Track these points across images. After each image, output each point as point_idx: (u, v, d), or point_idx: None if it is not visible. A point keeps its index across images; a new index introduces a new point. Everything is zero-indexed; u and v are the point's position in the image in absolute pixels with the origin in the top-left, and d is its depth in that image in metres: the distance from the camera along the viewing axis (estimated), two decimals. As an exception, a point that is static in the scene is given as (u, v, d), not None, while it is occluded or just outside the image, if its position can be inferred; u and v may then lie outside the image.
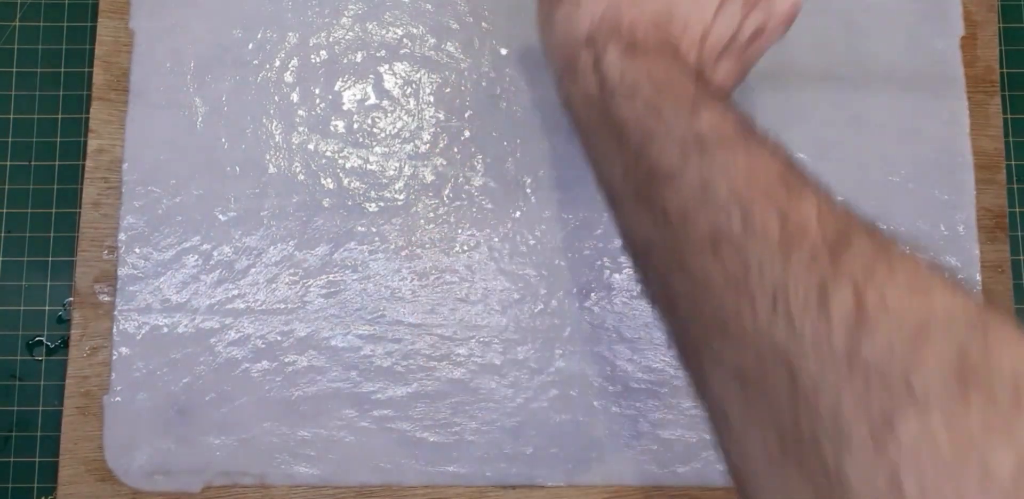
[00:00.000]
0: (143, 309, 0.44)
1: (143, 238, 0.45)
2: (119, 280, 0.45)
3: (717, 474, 0.43)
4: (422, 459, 0.43)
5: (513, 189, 0.46)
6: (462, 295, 0.45)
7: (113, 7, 0.47)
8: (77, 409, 0.44)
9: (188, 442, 0.43)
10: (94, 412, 0.44)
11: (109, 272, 0.45)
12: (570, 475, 0.44)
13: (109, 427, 0.43)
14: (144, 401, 0.44)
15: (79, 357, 0.44)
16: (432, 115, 0.47)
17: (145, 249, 0.45)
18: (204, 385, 0.44)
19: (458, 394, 0.44)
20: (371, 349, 0.44)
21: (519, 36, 0.47)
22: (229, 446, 0.43)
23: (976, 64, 0.48)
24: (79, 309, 0.45)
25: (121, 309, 0.44)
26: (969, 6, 0.48)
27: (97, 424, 0.44)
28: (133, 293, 0.44)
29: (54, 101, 0.49)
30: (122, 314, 0.44)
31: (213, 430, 0.43)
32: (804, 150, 0.47)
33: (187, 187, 0.45)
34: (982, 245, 0.46)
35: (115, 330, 0.44)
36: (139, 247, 0.45)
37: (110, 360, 0.44)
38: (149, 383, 0.44)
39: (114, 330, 0.44)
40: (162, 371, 0.44)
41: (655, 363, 0.44)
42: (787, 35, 0.47)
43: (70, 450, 0.44)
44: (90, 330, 0.44)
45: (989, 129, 0.47)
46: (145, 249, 0.45)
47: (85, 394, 0.44)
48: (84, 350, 0.44)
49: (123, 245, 0.45)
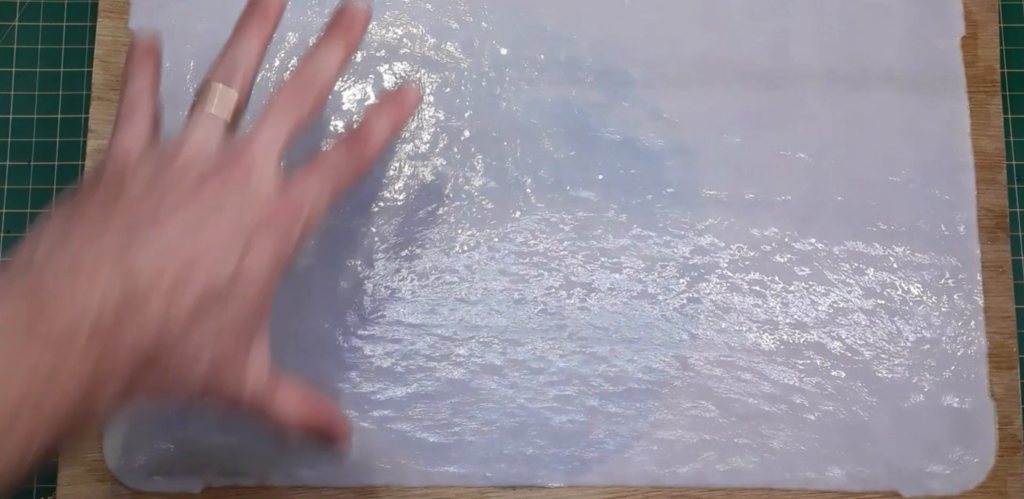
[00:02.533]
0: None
1: (143, 238, 0.45)
2: (119, 280, 0.44)
3: (717, 474, 0.43)
4: (422, 459, 0.43)
5: (513, 189, 0.46)
6: (462, 295, 0.45)
7: (113, 7, 0.47)
8: (77, 409, 0.44)
9: (188, 442, 0.43)
10: (94, 412, 0.44)
11: (109, 272, 0.45)
12: (570, 475, 0.44)
13: (109, 427, 0.43)
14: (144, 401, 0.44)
15: (79, 357, 0.44)
16: (432, 115, 0.47)
17: (145, 249, 0.45)
18: (204, 385, 0.44)
19: (458, 394, 0.44)
20: (371, 349, 0.44)
21: (519, 36, 0.48)
22: (229, 446, 0.43)
23: (976, 64, 0.48)
24: (79, 309, 0.44)
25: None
26: (969, 6, 0.48)
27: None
28: (133, 293, 0.44)
29: (54, 101, 0.49)
30: (122, 314, 0.44)
31: (213, 430, 0.43)
32: (804, 150, 0.47)
33: (187, 187, 0.45)
34: (982, 245, 0.46)
35: (115, 330, 0.44)
36: (139, 247, 0.45)
37: (110, 360, 0.44)
38: (149, 383, 0.44)
39: (114, 330, 0.44)
40: (162, 371, 0.44)
41: (655, 363, 0.44)
42: (787, 35, 0.48)
43: (70, 450, 0.44)
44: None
45: (989, 129, 0.47)
46: (145, 249, 0.45)
47: (85, 394, 0.44)
48: (84, 350, 0.44)
49: (123, 245, 0.45)
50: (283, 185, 0.33)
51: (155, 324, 0.29)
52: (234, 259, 0.30)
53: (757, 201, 0.46)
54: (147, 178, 0.31)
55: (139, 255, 0.29)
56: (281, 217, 0.32)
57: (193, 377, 0.31)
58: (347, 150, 0.35)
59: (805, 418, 0.44)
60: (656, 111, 0.47)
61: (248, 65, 0.35)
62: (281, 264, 0.32)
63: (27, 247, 0.30)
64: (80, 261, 0.29)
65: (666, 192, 0.46)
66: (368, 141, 0.35)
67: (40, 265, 0.29)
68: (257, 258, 0.31)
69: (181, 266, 0.29)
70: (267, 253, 0.31)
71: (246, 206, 0.31)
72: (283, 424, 0.33)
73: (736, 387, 0.44)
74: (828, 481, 0.43)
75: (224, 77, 0.34)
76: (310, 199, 0.33)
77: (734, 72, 0.47)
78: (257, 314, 0.32)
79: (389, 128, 0.36)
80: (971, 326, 0.45)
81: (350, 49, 0.36)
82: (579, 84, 0.47)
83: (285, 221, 0.32)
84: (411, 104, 0.37)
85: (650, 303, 0.45)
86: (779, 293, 0.45)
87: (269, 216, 0.32)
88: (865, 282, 0.45)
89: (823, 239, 0.46)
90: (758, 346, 0.45)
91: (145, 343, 0.29)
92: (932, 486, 0.43)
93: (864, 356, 0.45)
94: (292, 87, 0.34)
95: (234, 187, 0.31)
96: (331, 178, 0.34)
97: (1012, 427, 0.44)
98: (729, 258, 0.45)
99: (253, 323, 0.32)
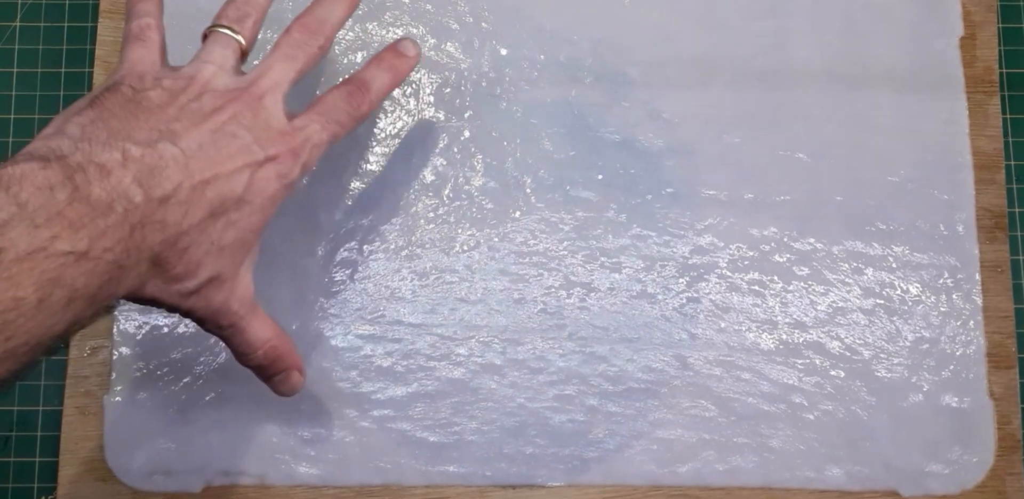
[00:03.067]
0: (143, 309, 0.44)
1: (143, 238, 0.45)
2: (119, 280, 0.45)
3: (717, 474, 0.43)
4: (422, 459, 0.43)
5: (513, 189, 0.46)
6: (462, 295, 0.45)
7: (113, 7, 0.48)
8: (77, 409, 0.44)
9: (188, 442, 0.43)
10: (94, 412, 0.44)
11: (109, 272, 0.45)
12: (570, 475, 0.44)
13: (109, 427, 0.43)
14: (144, 401, 0.44)
15: (79, 357, 0.44)
16: (432, 115, 0.47)
17: (145, 249, 0.45)
18: (204, 385, 0.44)
19: (458, 394, 0.44)
20: (371, 349, 0.44)
21: (519, 36, 0.48)
22: (229, 446, 0.43)
23: (975, 64, 0.48)
24: (79, 309, 0.45)
25: (121, 309, 0.44)
26: (968, 6, 0.48)
27: (97, 424, 0.44)
28: (133, 293, 0.44)
29: (54, 101, 0.49)
30: (122, 314, 0.44)
31: (213, 430, 0.43)
32: (804, 150, 0.47)
33: (187, 187, 0.45)
34: (982, 245, 0.46)
35: (115, 330, 0.44)
36: (139, 247, 0.45)
37: (110, 360, 0.44)
38: (149, 383, 0.44)
39: (114, 330, 0.44)
40: (162, 371, 0.44)
41: (655, 363, 0.44)
42: (787, 35, 0.48)
43: (70, 450, 0.44)
44: (90, 330, 0.44)
45: (988, 129, 0.47)
46: (145, 249, 0.45)
47: (85, 394, 0.44)
48: (84, 350, 0.44)
49: (123, 245, 0.45)
50: (288, 123, 0.34)
51: (172, 224, 0.30)
52: (244, 179, 0.32)
53: (756, 201, 0.46)
54: (166, 97, 0.32)
55: (165, 156, 0.30)
56: (286, 151, 0.34)
57: (190, 286, 0.32)
58: (347, 97, 0.36)
59: (804, 418, 0.44)
60: (656, 111, 0.47)
61: (257, 12, 0.37)
62: (280, 195, 0.34)
63: (56, 123, 0.31)
64: (113, 144, 0.30)
65: (665, 192, 0.46)
66: (368, 90, 0.37)
67: (74, 138, 0.29)
68: (262, 182, 0.33)
69: (199, 176, 0.31)
70: (271, 180, 0.33)
71: (256, 134, 0.33)
72: (250, 347, 0.35)
73: (735, 387, 0.44)
74: (827, 480, 0.43)
75: (234, 21, 0.36)
76: (312, 139, 0.35)
77: (734, 72, 0.47)
78: (253, 238, 0.34)
79: (389, 80, 0.38)
80: (970, 326, 0.45)
81: (353, 1, 0.38)
82: (579, 84, 0.47)
83: (289, 156, 0.34)
84: (411, 59, 0.39)
85: (650, 303, 0.45)
86: (778, 293, 0.45)
87: (276, 146, 0.33)
88: (864, 282, 0.45)
89: (822, 239, 0.46)
90: (757, 346, 0.45)
91: (161, 240, 0.30)
92: (931, 485, 0.43)
93: (863, 356, 0.45)
94: (301, 29, 0.36)
95: (245, 116, 0.33)
96: (331, 121, 0.36)
97: (1011, 426, 0.44)
98: (728, 258, 0.46)
99: (248, 245, 0.34)
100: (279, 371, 0.36)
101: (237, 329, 0.34)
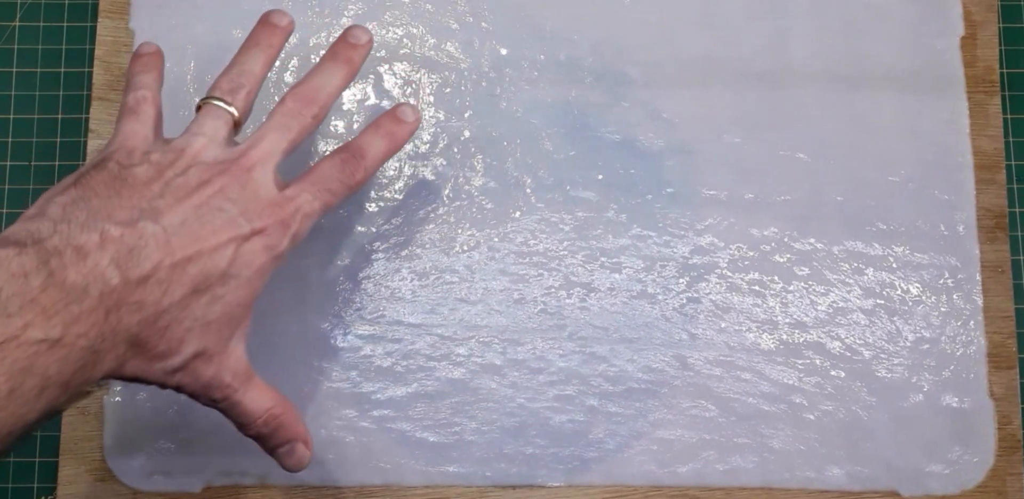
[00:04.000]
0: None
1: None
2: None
3: (717, 474, 0.43)
4: (422, 459, 0.43)
5: (513, 189, 0.46)
6: (462, 295, 0.45)
7: (113, 7, 0.47)
8: (77, 409, 0.44)
9: (188, 442, 0.43)
10: (94, 412, 0.44)
11: (109, 272, 0.45)
12: (570, 475, 0.44)
13: (109, 427, 0.43)
14: (144, 401, 0.44)
15: (79, 357, 0.44)
16: (432, 115, 0.47)
17: (145, 249, 0.45)
18: (204, 385, 0.44)
19: (458, 394, 0.44)
20: (371, 349, 0.44)
21: (519, 36, 0.48)
22: (229, 446, 0.43)
23: (976, 64, 0.48)
24: (79, 309, 0.45)
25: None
26: (969, 6, 0.48)
27: (97, 424, 0.44)
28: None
29: (54, 101, 0.49)
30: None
31: (213, 430, 0.43)
32: (804, 150, 0.47)
33: (187, 187, 0.45)
34: (982, 245, 0.46)
35: (115, 330, 0.44)
36: (139, 247, 0.45)
37: (110, 360, 0.44)
38: (149, 383, 0.44)
39: (114, 330, 0.44)
40: (162, 371, 0.44)
41: (655, 363, 0.44)
42: (787, 35, 0.48)
43: (70, 450, 0.44)
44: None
45: (989, 129, 0.47)
46: (145, 249, 0.45)
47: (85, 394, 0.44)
48: (84, 350, 0.44)
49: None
50: (278, 193, 0.34)
51: (150, 304, 0.30)
52: (229, 253, 0.32)
53: (757, 201, 0.46)
54: (152, 172, 0.32)
55: (145, 235, 0.30)
56: (274, 223, 0.33)
57: (174, 363, 0.31)
58: (341, 165, 0.36)
59: (805, 418, 0.44)
60: (656, 111, 0.47)
61: (251, 83, 0.36)
62: (268, 267, 0.33)
63: (39, 204, 0.31)
64: (92, 225, 0.29)
65: (666, 192, 0.46)
66: (363, 158, 0.36)
67: (54, 219, 0.29)
68: (248, 258, 0.32)
69: (180, 253, 0.30)
70: (259, 253, 0.33)
71: (243, 206, 0.32)
72: (248, 418, 0.34)
73: (736, 387, 0.44)
74: (827, 481, 0.43)
75: (227, 93, 0.35)
76: (303, 210, 0.34)
77: (734, 72, 0.47)
78: (242, 311, 0.33)
79: (385, 147, 0.37)
80: (970, 326, 0.45)
81: (352, 70, 0.38)
82: (579, 84, 0.47)
83: (278, 228, 0.33)
84: (410, 124, 0.38)
85: (650, 303, 0.45)
86: (778, 293, 0.45)
87: (263, 219, 0.33)
88: (864, 282, 0.45)
89: (823, 239, 0.46)
90: (758, 346, 0.45)
91: (139, 321, 0.30)
92: (931, 486, 0.43)
93: (863, 356, 0.45)
94: (295, 98, 0.36)
95: (232, 188, 0.33)
96: (324, 191, 0.35)
97: (1011, 427, 0.44)
98: (729, 258, 0.46)
99: (237, 319, 0.33)
100: (282, 443, 0.35)
101: (232, 401, 0.34)
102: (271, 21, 0.38)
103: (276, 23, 0.38)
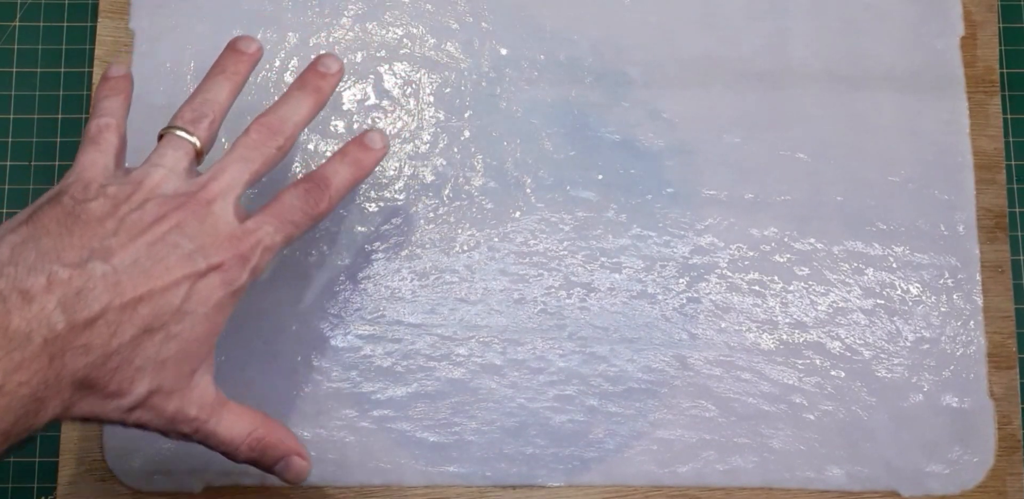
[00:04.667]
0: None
1: (143, 238, 0.45)
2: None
3: (717, 474, 0.43)
4: (422, 459, 0.43)
5: (513, 189, 0.46)
6: (462, 295, 0.45)
7: (113, 7, 0.47)
8: (77, 409, 0.44)
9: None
10: (94, 412, 0.44)
11: (109, 272, 0.45)
12: (570, 475, 0.44)
13: (109, 427, 0.43)
14: (144, 401, 0.44)
15: (79, 357, 0.44)
16: (432, 115, 0.47)
17: (145, 249, 0.45)
18: (204, 385, 0.44)
19: (458, 394, 0.44)
20: (371, 349, 0.44)
21: (519, 36, 0.48)
22: (229, 446, 0.43)
23: (976, 64, 0.48)
24: (79, 309, 0.45)
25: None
26: (969, 6, 0.48)
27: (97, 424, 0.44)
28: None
29: (54, 101, 0.49)
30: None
31: (213, 430, 0.43)
32: (804, 150, 0.47)
33: (187, 187, 0.45)
34: (982, 245, 0.46)
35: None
36: (139, 247, 0.45)
37: (110, 360, 0.44)
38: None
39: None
40: (162, 371, 0.44)
41: (655, 363, 0.44)
42: (787, 35, 0.48)
43: (70, 450, 0.44)
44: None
45: (989, 129, 0.47)
46: (145, 249, 0.45)
47: (85, 394, 0.44)
48: (84, 350, 0.44)
49: (123, 245, 0.45)
50: (238, 226, 0.33)
51: (98, 346, 0.29)
52: (182, 293, 0.31)
53: (757, 201, 0.46)
54: (107, 207, 0.31)
55: (94, 276, 0.29)
56: (232, 258, 0.32)
57: (127, 402, 0.31)
58: (304, 195, 0.35)
59: (804, 418, 0.44)
60: (656, 111, 0.47)
61: (216, 112, 0.35)
62: (228, 302, 0.32)
63: None
64: (40, 268, 0.29)
65: (666, 192, 0.46)
66: (327, 187, 0.35)
67: (2, 262, 0.29)
68: (205, 294, 0.31)
69: (131, 293, 0.30)
70: (215, 290, 0.32)
71: (200, 241, 0.32)
72: (229, 446, 0.34)
73: (736, 387, 0.44)
74: (827, 481, 0.43)
75: (189, 122, 0.35)
76: (263, 243, 0.33)
77: (734, 72, 0.47)
78: (200, 346, 0.32)
79: (351, 175, 0.36)
80: (970, 326, 0.45)
81: (320, 99, 0.37)
82: (579, 84, 0.47)
83: (236, 262, 0.32)
84: (378, 152, 0.37)
85: (650, 303, 0.45)
86: (778, 293, 0.45)
87: (221, 253, 0.32)
88: (864, 282, 0.45)
89: (822, 239, 0.46)
90: (758, 346, 0.45)
91: (86, 364, 0.29)
92: (931, 486, 0.43)
93: (863, 356, 0.45)
94: (259, 129, 0.35)
95: (190, 224, 0.32)
96: (286, 223, 0.34)
97: (1011, 427, 0.44)
98: (729, 258, 0.46)
99: (196, 355, 0.32)
100: (274, 461, 0.35)
101: (205, 433, 0.33)
102: (238, 48, 0.37)
103: (243, 50, 0.37)
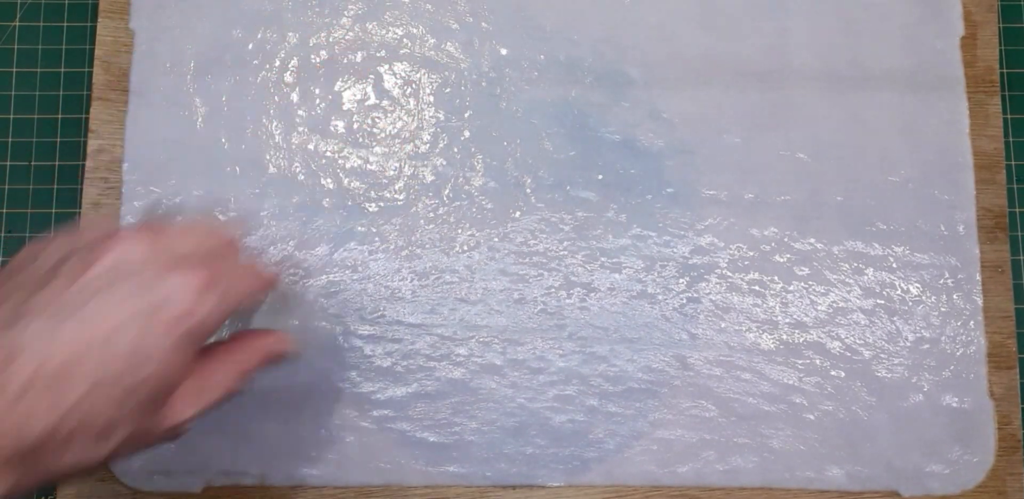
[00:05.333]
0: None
1: (143, 238, 0.45)
2: (119, 280, 0.44)
3: (717, 474, 0.43)
4: (422, 459, 0.43)
5: (513, 189, 0.46)
6: (462, 295, 0.45)
7: (113, 7, 0.47)
8: (77, 409, 0.44)
9: (188, 442, 0.43)
10: (94, 412, 0.44)
11: (109, 272, 0.45)
12: (570, 475, 0.44)
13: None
14: (144, 401, 0.44)
15: (79, 357, 0.44)
16: (432, 115, 0.47)
17: (145, 249, 0.45)
18: (204, 385, 0.44)
19: (458, 394, 0.44)
20: (371, 349, 0.44)
21: (519, 36, 0.48)
22: (229, 446, 0.43)
23: (976, 64, 0.48)
24: (79, 309, 0.44)
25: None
26: (969, 6, 0.48)
27: (97, 424, 0.44)
28: (133, 293, 0.44)
29: (54, 101, 0.49)
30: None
31: (213, 430, 0.43)
32: (804, 150, 0.47)
33: (187, 187, 0.45)
34: (982, 245, 0.46)
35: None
36: (139, 247, 0.45)
37: (110, 360, 0.44)
38: (149, 383, 0.44)
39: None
40: (162, 371, 0.44)
41: (655, 363, 0.44)
42: (787, 35, 0.48)
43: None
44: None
45: (989, 129, 0.47)
46: (145, 249, 0.45)
47: (85, 394, 0.44)
48: (84, 350, 0.44)
49: (123, 245, 0.45)
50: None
51: (40, 416, 0.27)
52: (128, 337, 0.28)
53: (757, 201, 0.46)
54: (39, 266, 0.29)
55: (24, 336, 0.27)
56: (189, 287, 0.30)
57: (104, 452, 0.28)
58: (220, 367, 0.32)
59: (805, 418, 0.44)
60: (656, 111, 0.47)
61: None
62: (185, 342, 0.29)
63: None
64: None
65: (666, 192, 0.46)
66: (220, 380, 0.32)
67: None
68: (156, 335, 0.29)
69: (67, 359, 0.27)
70: (168, 329, 0.29)
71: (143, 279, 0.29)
72: (224, 392, 0.32)
73: (736, 387, 0.44)
74: (828, 481, 0.43)
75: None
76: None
77: (734, 72, 0.47)
78: (169, 386, 0.30)
79: (235, 376, 0.33)
80: (970, 326, 0.45)
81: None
82: (579, 84, 0.47)
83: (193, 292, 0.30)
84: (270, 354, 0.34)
85: (650, 303, 0.45)
86: (778, 293, 0.45)
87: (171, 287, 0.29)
88: (864, 282, 0.45)
89: (822, 239, 0.46)
90: (758, 346, 0.45)
91: (28, 435, 0.26)
92: (931, 486, 0.43)
93: (863, 356, 0.45)
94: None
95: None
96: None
97: (1011, 427, 0.44)
98: (729, 258, 0.46)
99: (164, 395, 0.30)
100: (264, 362, 0.33)
101: (194, 416, 0.31)
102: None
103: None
